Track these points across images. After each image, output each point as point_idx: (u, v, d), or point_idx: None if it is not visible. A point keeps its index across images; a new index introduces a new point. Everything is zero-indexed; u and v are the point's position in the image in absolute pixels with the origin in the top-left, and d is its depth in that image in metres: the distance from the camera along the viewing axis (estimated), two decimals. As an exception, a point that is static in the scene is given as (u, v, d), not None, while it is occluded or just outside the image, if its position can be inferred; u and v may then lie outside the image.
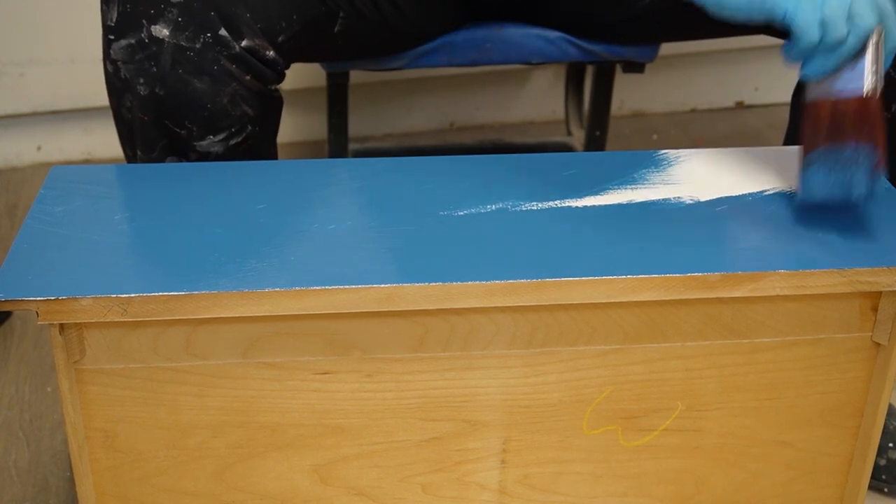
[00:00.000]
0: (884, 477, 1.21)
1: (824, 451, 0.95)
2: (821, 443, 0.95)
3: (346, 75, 1.49)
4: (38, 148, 1.88)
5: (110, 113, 1.09)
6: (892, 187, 0.96)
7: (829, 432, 0.94)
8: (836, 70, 0.84)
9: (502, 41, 1.34)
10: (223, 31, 1.01)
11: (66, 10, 1.74)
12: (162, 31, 1.00)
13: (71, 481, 1.22)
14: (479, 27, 1.33)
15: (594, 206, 0.92)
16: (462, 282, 0.81)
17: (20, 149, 1.87)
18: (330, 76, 1.49)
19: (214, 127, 1.04)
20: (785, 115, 1.26)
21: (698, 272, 0.83)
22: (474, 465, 0.92)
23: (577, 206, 0.92)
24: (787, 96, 1.22)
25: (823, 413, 0.93)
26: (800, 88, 1.20)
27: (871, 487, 1.21)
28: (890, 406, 1.24)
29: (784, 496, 0.97)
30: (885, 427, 1.22)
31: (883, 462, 1.21)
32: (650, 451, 0.93)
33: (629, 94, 2.03)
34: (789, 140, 1.22)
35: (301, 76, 1.75)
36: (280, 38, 1.06)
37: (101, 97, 1.86)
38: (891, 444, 1.21)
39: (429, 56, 1.32)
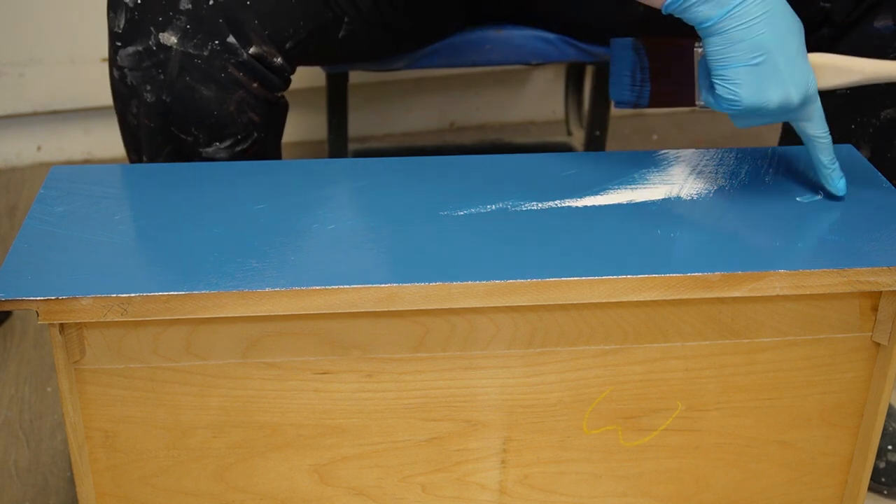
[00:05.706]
0: (883, 479, 1.21)
1: (824, 451, 0.95)
2: (821, 443, 0.95)
3: (345, 75, 1.49)
4: (38, 148, 1.88)
5: (110, 113, 1.09)
6: (893, 187, 0.96)
7: (829, 432, 0.94)
8: None
9: (502, 42, 1.34)
10: (231, 38, 1.01)
11: (66, 10, 1.74)
12: (170, 38, 1.00)
13: (71, 481, 1.21)
14: (480, 29, 1.33)
15: (594, 206, 0.92)
16: (462, 282, 0.81)
17: (20, 149, 1.87)
18: (329, 76, 1.49)
19: (220, 134, 1.04)
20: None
21: (698, 272, 0.83)
22: (474, 465, 0.92)
23: (577, 206, 0.92)
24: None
25: (823, 413, 0.93)
26: None
27: (870, 489, 1.21)
28: (889, 407, 1.23)
29: (784, 496, 0.97)
30: (885, 429, 1.22)
31: (882, 465, 1.21)
32: (650, 451, 0.93)
33: (629, 94, 2.03)
34: (785, 139, 1.22)
35: (301, 76, 1.74)
36: (288, 45, 1.05)
37: (102, 97, 1.85)
38: (890, 447, 1.21)
39: (429, 57, 1.32)
